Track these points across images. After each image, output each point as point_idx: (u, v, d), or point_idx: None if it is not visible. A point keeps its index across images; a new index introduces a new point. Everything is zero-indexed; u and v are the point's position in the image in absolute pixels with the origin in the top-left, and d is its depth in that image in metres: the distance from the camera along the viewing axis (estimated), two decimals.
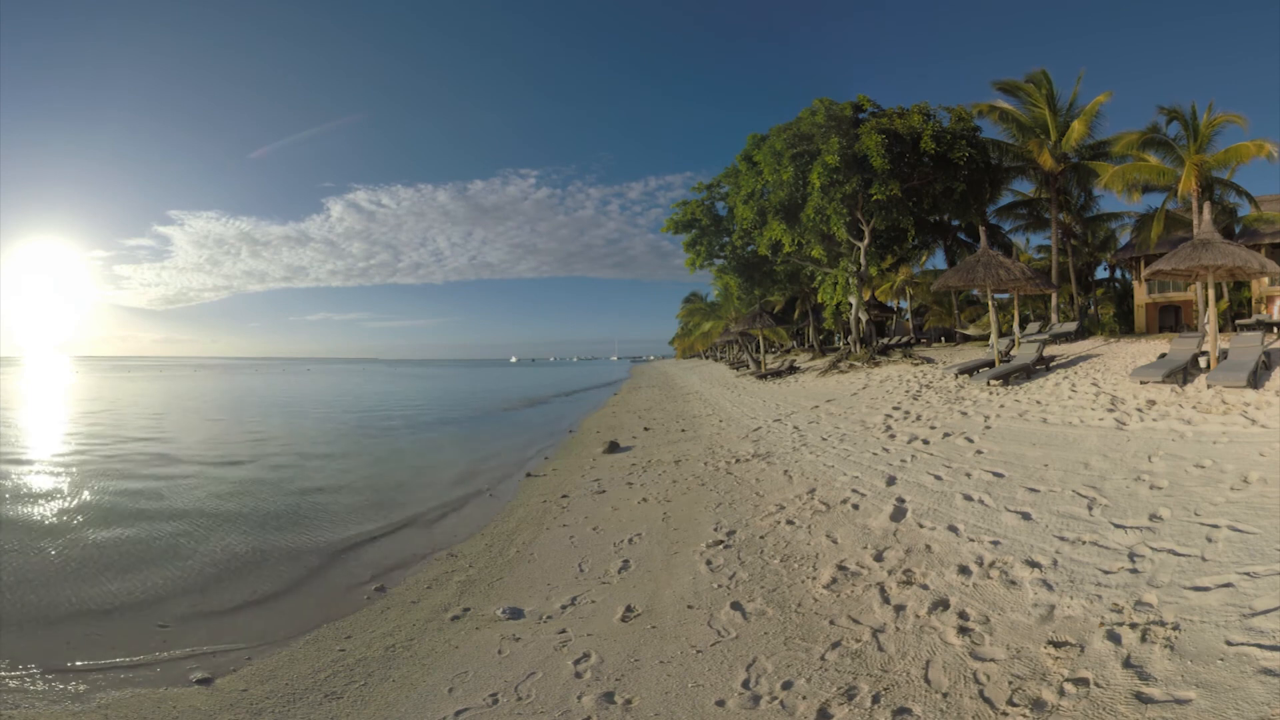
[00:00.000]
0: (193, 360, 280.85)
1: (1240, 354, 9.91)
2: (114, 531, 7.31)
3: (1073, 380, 11.00)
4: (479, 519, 7.92)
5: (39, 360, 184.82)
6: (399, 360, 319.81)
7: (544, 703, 3.37)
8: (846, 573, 4.62)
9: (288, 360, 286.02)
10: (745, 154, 21.48)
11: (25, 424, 19.70)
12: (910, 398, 12.13)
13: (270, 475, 11.02)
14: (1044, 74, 21.31)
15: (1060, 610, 3.58)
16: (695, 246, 25.58)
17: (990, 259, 14.29)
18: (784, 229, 19.85)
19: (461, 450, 14.41)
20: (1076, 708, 2.72)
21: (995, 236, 24.58)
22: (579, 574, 5.42)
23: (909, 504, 5.93)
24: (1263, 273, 10.92)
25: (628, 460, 10.60)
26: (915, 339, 27.07)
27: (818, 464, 8.21)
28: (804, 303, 32.57)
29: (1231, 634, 3.01)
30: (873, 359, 19.27)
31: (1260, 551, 3.88)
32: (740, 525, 6.13)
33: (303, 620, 4.96)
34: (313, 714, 3.50)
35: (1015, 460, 6.96)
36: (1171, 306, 24.62)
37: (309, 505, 8.82)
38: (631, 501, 7.69)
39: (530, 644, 4.12)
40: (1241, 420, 7.15)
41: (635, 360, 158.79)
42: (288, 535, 7.38)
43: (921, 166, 19.09)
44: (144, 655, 4.35)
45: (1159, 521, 4.66)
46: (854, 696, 3.07)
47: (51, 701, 3.72)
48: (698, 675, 3.48)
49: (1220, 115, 18.22)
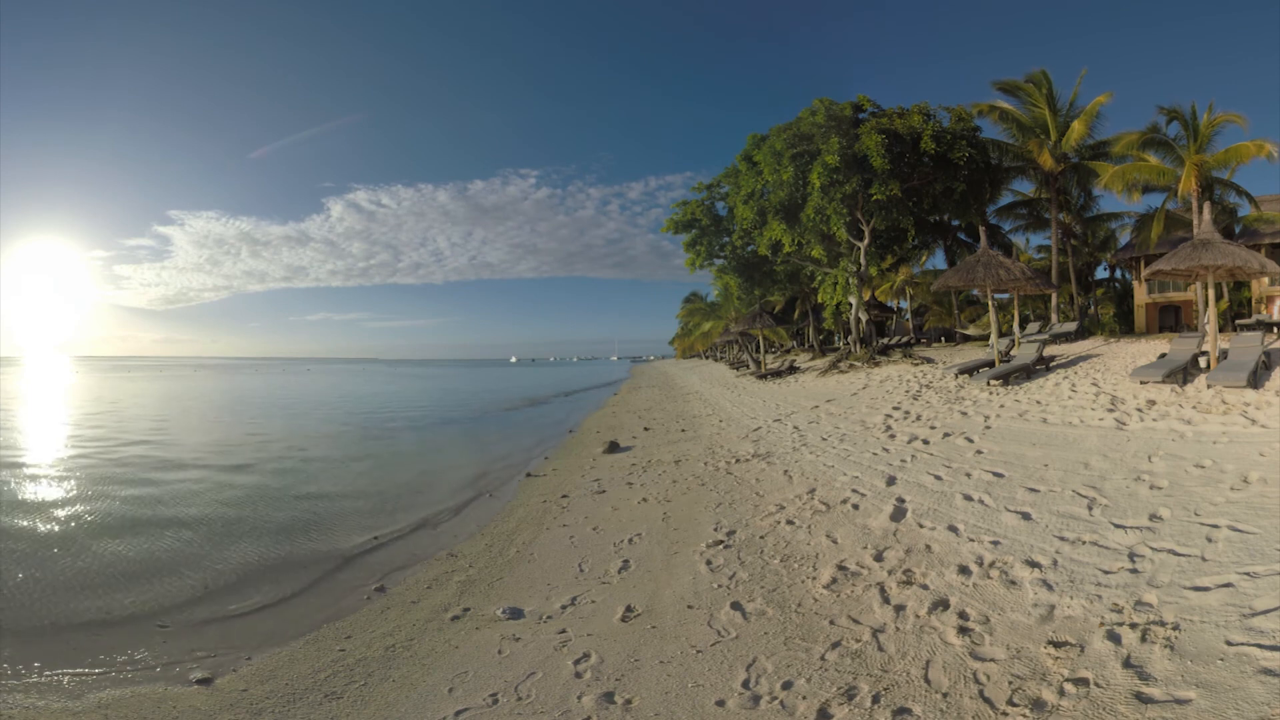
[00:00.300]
0: (192, 360, 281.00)
1: (1240, 354, 9.91)
2: (113, 533, 7.31)
3: (1073, 380, 11.00)
4: (479, 519, 7.92)
5: (39, 360, 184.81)
6: (399, 360, 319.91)
7: (544, 703, 3.37)
8: (846, 573, 4.62)
9: (287, 360, 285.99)
10: (745, 154, 21.49)
11: (26, 426, 19.68)
12: (910, 398, 12.13)
13: (270, 476, 11.02)
14: (1044, 74, 21.33)
15: (1060, 610, 3.58)
16: (695, 246, 25.58)
17: (990, 259, 14.29)
18: (784, 229, 19.84)
19: (461, 450, 14.41)
20: (1076, 708, 2.72)
21: (995, 236, 24.57)
22: (579, 574, 5.42)
23: (909, 504, 5.93)
24: (1263, 273, 10.92)
25: (628, 460, 10.59)
26: (915, 339, 27.07)
27: (818, 464, 8.21)
28: (804, 303, 32.56)
29: (1231, 634, 3.01)
30: (873, 359, 19.27)
31: (1260, 551, 3.88)
32: (740, 525, 6.13)
33: (303, 620, 4.96)
34: (313, 714, 3.50)
35: (1015, 460, 6.96)
36: (1171, 306, 24.62)
37: (309, 505, 8.82)
38: (631, 501, 7.69)
39: (530, 644, 4.12)
40: (1241, 420, 7.15)
41: (635, 360, 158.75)
42: (288, 536, 7.38)
43: (921, 166, 19.08)
44: (144, 655, 4.35)
45: (1159, 521, 4.66)
46: (854, 696, 3.07)
47: (52, 701, 3.71)
48: (698, 675, 3.47)
49: (1220, 115, 18.22)
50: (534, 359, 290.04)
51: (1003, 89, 21.90)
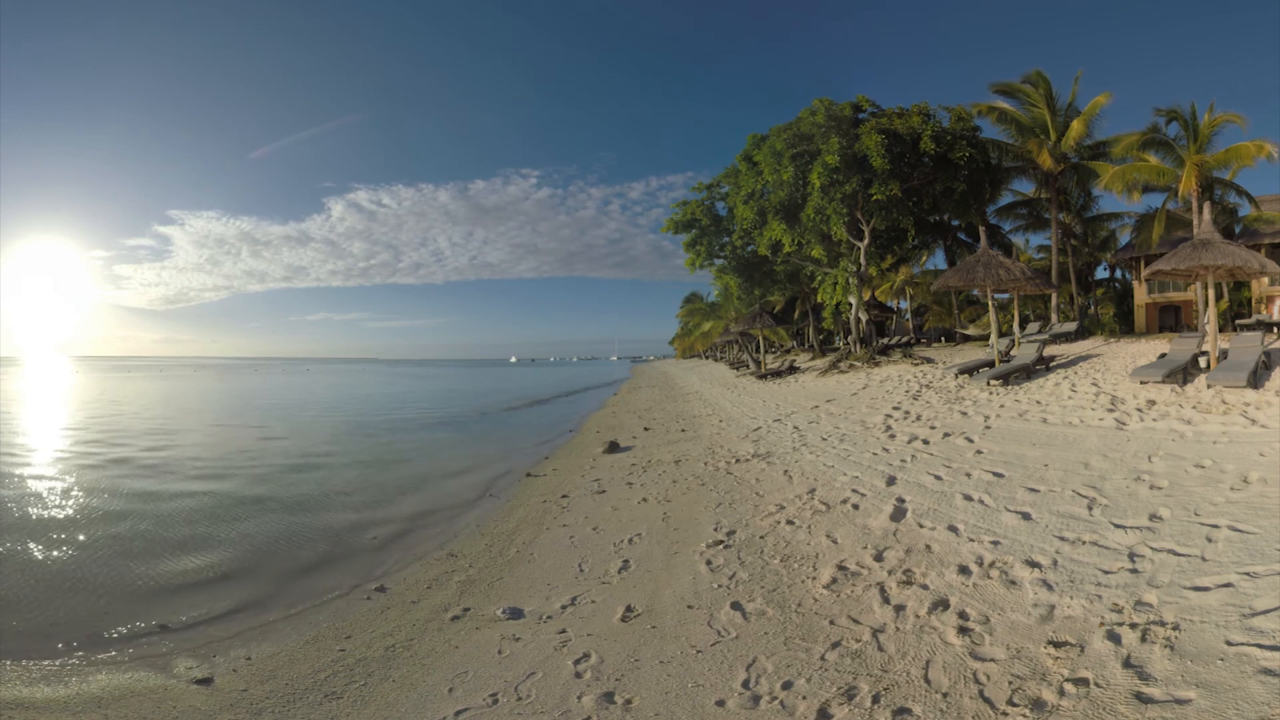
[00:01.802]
0: (192, 360, 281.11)
1: (1240, 354, 9.91)
2: (112, 533, 7.31)
3: (1073, 380, 11.00)
4: (479, 519, 7.92)
5: (39, 360, 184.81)
6: (398, 360, 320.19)
7: (544, 703, 3.37)
8: (846, 573, 4.61)
9: (287, 360, 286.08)
10: (745, 154, 21.48)
11: (27, 427, 19.68)
12: (910, 398, 12.13)
13: (268, 475, 11.01)
14: (1041, 75, 21.35)
15: (1060, 610, 3.58)
16: (695, 246, 25.58)
17: (990, 259, 14.29)
18: (784, 229, 19.84)
19: (461, 451, 14.40)
20: (1076, 708, 2.71)
21: (995, 236, 24.58)
22: (579, 574, 5.41)
23: (909, 504, 5.93)
24: (1263, 273, 10.92)
25: (628, 460, 10.59)
26: (915, 339, 27.07)
27: (818, 464, 8.20)
28: (804, 303, 32.55)
29: (1231, 634, 3.01)
30: (873, 359, 19.27)
31: (1260, 551, 3.88)
32: (740, 525, 6.12)
33: (303, 620, 4.95)
34: (313, 714, 3.50)
35: (1015, 460, 6.96)
36: (1171, 306, 24.63)
37: (308, 506, 8.82)
38: (631, 501, 7.69)
39: (530, 644, 4.12)
40: (1241, 420, 7.15)
41: (635, 360, 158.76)
42: (287, 536, 7.38)
43: (921, 166, 19.09)
44: (144, 655, 4.35)
45: (1159, 521, 4.66)
46: (854, 696, 3.07)
47: (51, 701, 3.71)
48: (698, 675, 3.47)
49: (1220, 115, 18.23)
50: (534, 359, 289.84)
51: (1001, 91, 21.93)
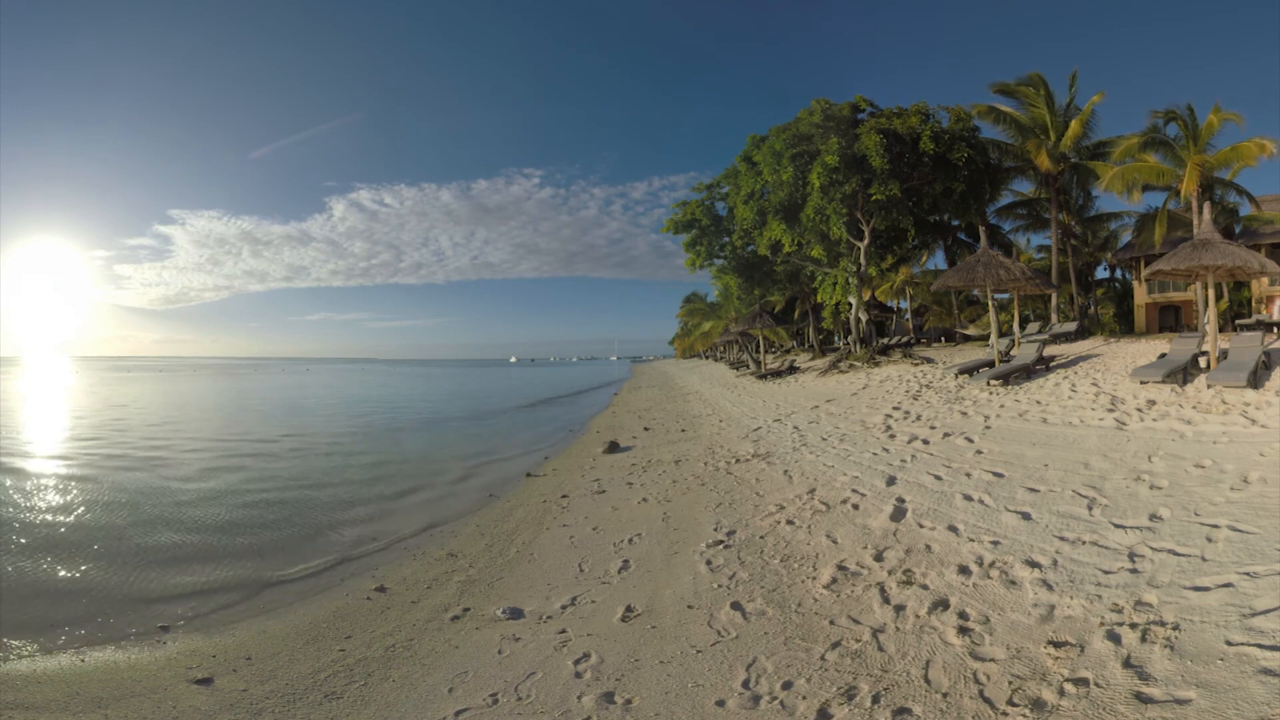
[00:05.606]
0: (192, 360, 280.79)
1: (1240, 354, 9.91)
2: (112, 533, 7.31)
3: (1073, 380, 11.00)
4: (479, 519, 7.92)
5: (39, 361, 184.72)
6: (398, 360, 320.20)
7: (544, 703, 3.37)
8: (846, 573, 4.61)
9: (287, 360, 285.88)
10: (745, 154, 21.48)
11: (28, 428, 19.67)
12: (910, 398, 12.13)
13: (267, 476, 11.02)
14: (1039, 76, 21.33)
15: (1060, 610, 3.58)
16: (695, 247, 25.58)
17: (990, 259, 14.29)
18: (784, 229, 19.84)
19: (461, 451, 14.40)
20: (1076, 708, 2.71)
21: (995, 236, 24.57)
22: (579, 574, 5.41)
23: (909, 504, 5.93)
24: (1263, 273, 10.92)
25: (628, 460, 10.59)
26: (915, 339, 27.05)
27: (818, 464, 8.20)
28: (804, 303, 32.52)
29: (1231, 634, 3.01)
30: (873, 359, 19.26)
31: (1260, 551, 3.87)
32: (740, 525, 6.12)
33: (303, 620, 4.95)
34: (313, 714, 3.50)
35: (1015, 460, 6.96)
36: (1171, 306, 24.64)
37: (308, 506, 8.82)
38: (631, 501, 7.69)
39: (530, 644, 4.12)
40: (1241, 420, 7.15)
41: (636, 360, 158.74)
42: (288, 536, 7.39)
43: (921, 166, 19.09)
44: (143, 655, 4.35)
45: (1159, 521, 4.66)
46: (854, 696, 3.07)
47: (51, 701, 3.71)
48: (698, 675, 3.47)
49: (1220, 115, 18.21)
50: (534, 359, 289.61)
51: (1000, 91, 21.93)
